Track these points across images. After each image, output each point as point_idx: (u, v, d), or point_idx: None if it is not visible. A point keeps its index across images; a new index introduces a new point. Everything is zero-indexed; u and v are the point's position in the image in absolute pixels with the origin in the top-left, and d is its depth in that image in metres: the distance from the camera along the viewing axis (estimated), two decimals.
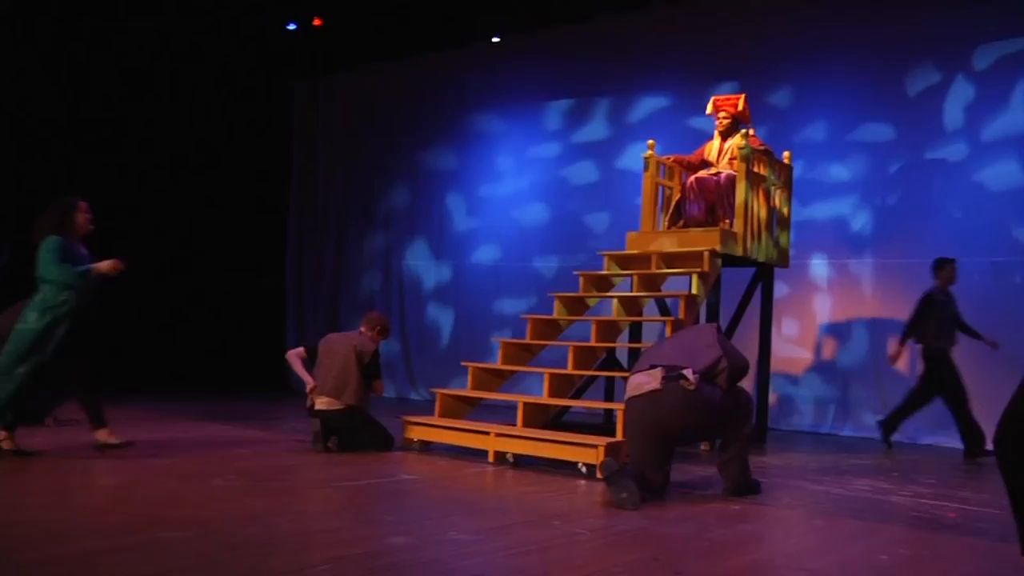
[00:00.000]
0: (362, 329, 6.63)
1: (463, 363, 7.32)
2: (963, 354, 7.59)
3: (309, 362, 6.58)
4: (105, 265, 5.40)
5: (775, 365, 8.45)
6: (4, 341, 7.16)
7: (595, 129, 10.82)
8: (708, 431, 5.26)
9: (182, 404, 9.02)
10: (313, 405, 6.36)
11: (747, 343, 8.22)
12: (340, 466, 5.67)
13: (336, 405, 6.28)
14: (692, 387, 4.72)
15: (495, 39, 11.39)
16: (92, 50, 10.48)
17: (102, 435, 5.46)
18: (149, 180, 11.06)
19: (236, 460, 5.66)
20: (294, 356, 6.66)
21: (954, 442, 7.84)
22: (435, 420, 6.64)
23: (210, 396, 10.15)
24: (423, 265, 12.08)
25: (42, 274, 5.34)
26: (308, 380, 6.48)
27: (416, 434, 6.61)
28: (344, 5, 11.15)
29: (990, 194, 8.33)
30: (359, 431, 6.37)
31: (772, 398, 8.56)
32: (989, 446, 7.23)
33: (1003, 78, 8.36)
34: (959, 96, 8.56)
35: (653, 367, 4.86)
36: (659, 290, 7.72)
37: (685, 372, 4.74)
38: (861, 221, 9.02)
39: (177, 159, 11.48)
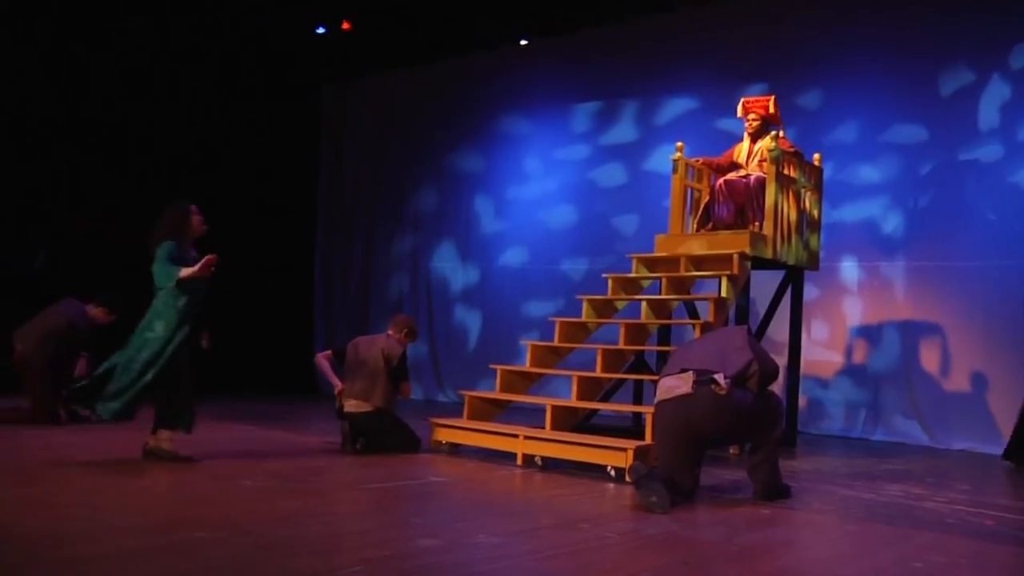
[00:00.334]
0: (390, 332, 6.64)
1: (491, 365, 7.30)
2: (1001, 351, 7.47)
3: (337, 365, 6.61)
4: (192, 270, 5.36)
5: (805, 368, 8.37)
6: (46, 340, 7.28)
7: (623, 131, 10.78)
8: (738, 435, 5.24)
9: (211, 406, 9.03)
10: (342, 407, 6.39)
11: (777, 346, 8.17)
12: (368, 468, 5.69)
13: (364, 407, 6.30)
14: (724, 392, 4.68)
15: (523, 42, 11.38)
16: (94, 50, 10.48)
17: (152, 440, 5.51)
18: (174, 182, 11.12)
19: (265, 461, 5.69)
20: (323, 359, 6.70)
21: (987, 447, 7.73)
22: (463, 422, 6.65)
23: (239, 398, 10.20)
24: (451, 267, 12.09)
25: (156, 281, 5.41)
26: (336, 383, 6.51)
27: (444, 436, 6.61)
28: (372, 9, 11.18)
29: None
30: (387, 433, 6.39)
31: (802, 402, 8.48)
32: None
33: None
34: (994, 96, 8.42)
35: (683, 370, 4.83)
36: (688, 293, 7.68)
37: (716, 376, 4.71)
38: (892, 223, 8.91)
39: (206, 161, 11.54)
